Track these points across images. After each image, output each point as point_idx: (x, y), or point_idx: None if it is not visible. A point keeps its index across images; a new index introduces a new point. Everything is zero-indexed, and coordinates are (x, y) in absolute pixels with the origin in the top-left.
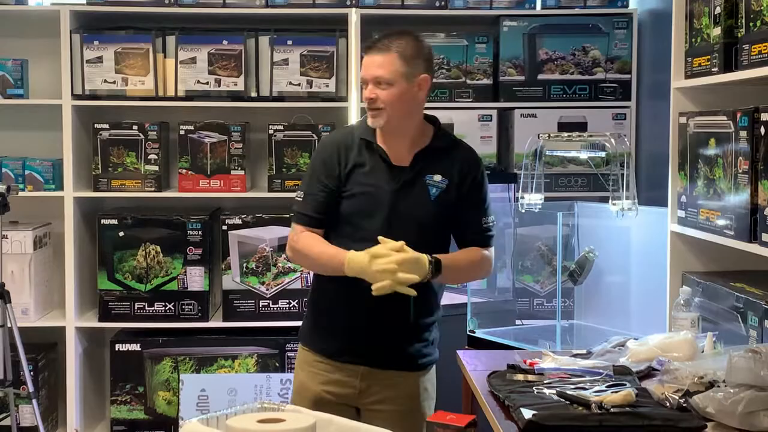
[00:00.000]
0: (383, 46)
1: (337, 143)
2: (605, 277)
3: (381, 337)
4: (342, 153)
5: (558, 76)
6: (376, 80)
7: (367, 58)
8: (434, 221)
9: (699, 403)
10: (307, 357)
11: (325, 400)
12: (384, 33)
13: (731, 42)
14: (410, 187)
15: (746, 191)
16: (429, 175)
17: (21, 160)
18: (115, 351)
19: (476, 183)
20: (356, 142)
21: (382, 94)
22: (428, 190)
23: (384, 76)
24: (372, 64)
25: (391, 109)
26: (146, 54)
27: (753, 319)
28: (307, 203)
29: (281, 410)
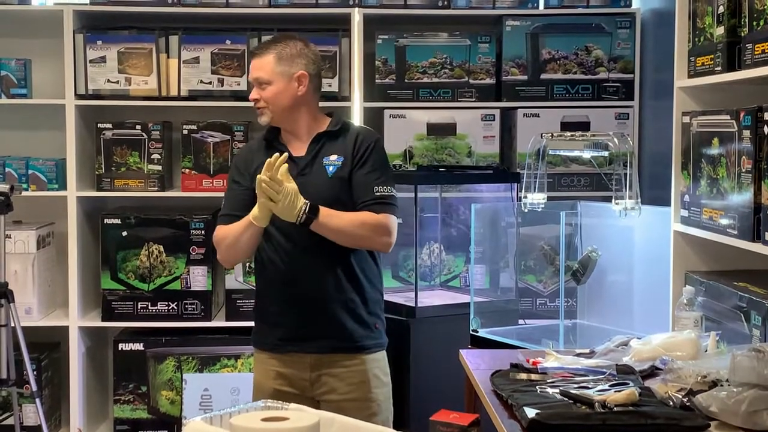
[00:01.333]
0: (262, 49)
1: (247, 149)
2: (608, 276)
3: (313, 318)
4: (249, 156)
5: (561, 75)
6: (257, 81)
7: (251, 63)
8: (335, 196)
9: (702, 402)
10: (259, 356)
11: (281, 395)
12: (268, 39)
13: (734, 41)
14: (310, 170)
15: (749, 190)
16: (326, 157)
17: (24, 160)
18: (118, 350)
19: (368, 152)
20: (260, 145)
21: (263, 93)
22: (326, 170)
23: (262, 77)
24: (253, 67)
25: (273, 106)
26: (149, 54)
27: (756, 318)
28: (225, 205)
29: (285, 409)
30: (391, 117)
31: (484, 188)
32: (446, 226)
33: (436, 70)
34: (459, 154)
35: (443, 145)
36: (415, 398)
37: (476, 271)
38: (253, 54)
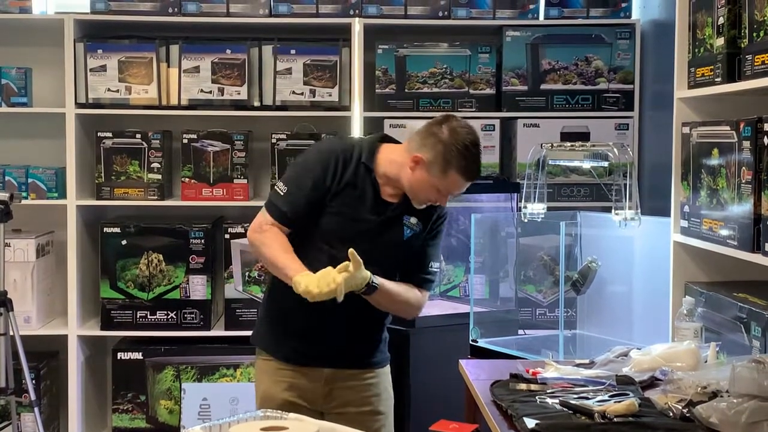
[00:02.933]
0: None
1: (337, 155)
2: (608, 286)
3: (340, 337)
4: (339, 167)
5: (561, 86)
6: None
7: (463, 183)
8: (401, 259)
9: (702, 413)
10: (270, 365)
11: (292, 407)
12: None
13: (734, 52)
14: (390, 222)
15: (749, 201)
16: (407, 216)
17: (24, 168)
18: (117, 359)
19: (441, 227)
20: (355, 162)
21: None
22: (403, 230)
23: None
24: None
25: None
26: (150, 63)
27: (756, 329)
28: (288, 201)
29: (284, 419)
30: (391, 127)
31: (484, 198)
32: (446, 236)
33: (436, 80)
34: None
35: None
36: (415, 408)
37: (476, 281)
38: (471, 178)
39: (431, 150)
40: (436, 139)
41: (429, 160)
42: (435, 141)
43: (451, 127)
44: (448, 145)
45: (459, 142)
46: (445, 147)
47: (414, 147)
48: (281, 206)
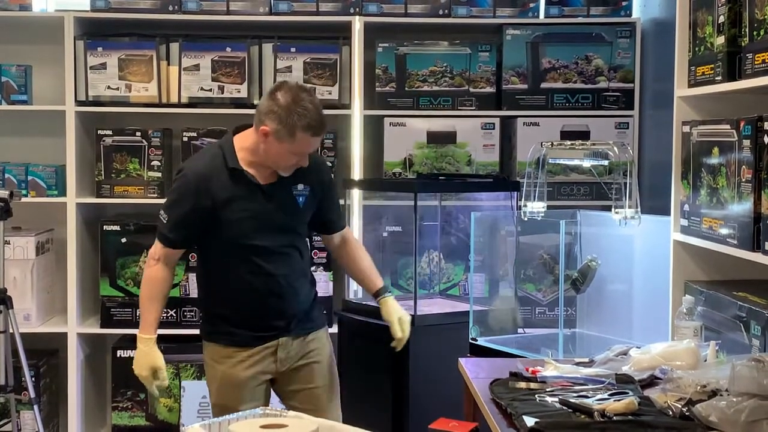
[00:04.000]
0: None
1: (199, 177)
2: (608, 285)
3: (286, 311)
4: (209, 185)
5: (561, 84)
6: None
7: (314, 140)
8: (305, 224)
9: (702, 412)
10: (222, 351)
11: (253, 382)
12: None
13: (735, 51)
14: (282, 200)
15: (749, 200)
16: (292, 186)
17: (24, 166)
18: (116, 357)
19: (327, 181)
20: (224, 170)
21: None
22: (296, 200)
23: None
24: (314, 144)
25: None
26: (150, 61)
27: (756, 328)
28: (172, 226)
29: (283, 416)
30: (391, 125)
31: (484, 197)
32: (446, 235)
33: (436, 79)
34: (459, 162)
35: (443, 154)
36: (414, 406)
37: (476, 280)
38: (318, 133)
39: (274, 120)
40: (275, 107)
41: (274, 129)
42: (274, 110)
43: (284, 91)
44: (286, 109)
45: (295, 103)
46: (285, 112)
47: (258, 122)
48: (167, 233)
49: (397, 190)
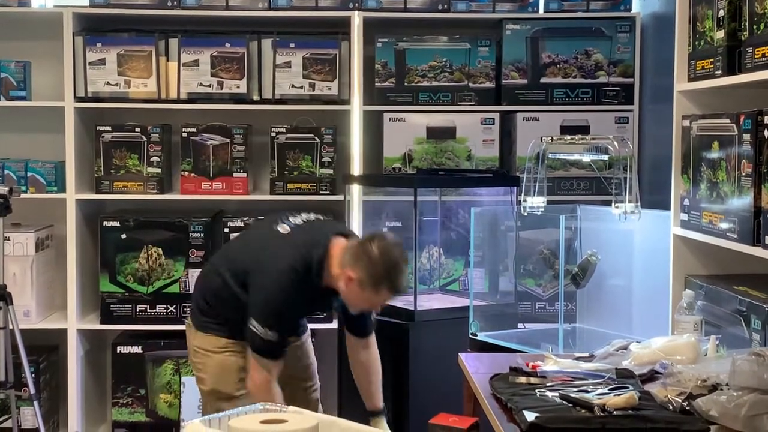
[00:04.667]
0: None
1: (302, 289)
2: (608, 280)
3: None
4: (302, 293)
5: (560, 79)
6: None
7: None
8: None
9: (702, 406)
10: (217, 341)
11: (245, 371)
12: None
13: (735, 45)
14: (329, 301)
15: (749, 194)
16: (336, 297)
17: (23, 162)
18: (116, 353)
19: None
20: (311, 283)
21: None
22: (338, 300)
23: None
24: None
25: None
26: (149, 56)
27: (756, 322)
28: (281, 341)
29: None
30: (391, 120)
31: (484, 192)
32: (445, 230)
33: (435, 74)
34: (458, 157)
35: (443, 149)
36: (415, 401)
37: (475, 275)
38: (400, 293)
39: (363, 270)
40: (367, 260)
41: (360, 279)
42: (366, 262)
43: (380, 246)
44: (377, 265)
45: (387, 261)
46: (375, 267)
47: (347, 263)
48: (278, 351)
49: (396, 185)
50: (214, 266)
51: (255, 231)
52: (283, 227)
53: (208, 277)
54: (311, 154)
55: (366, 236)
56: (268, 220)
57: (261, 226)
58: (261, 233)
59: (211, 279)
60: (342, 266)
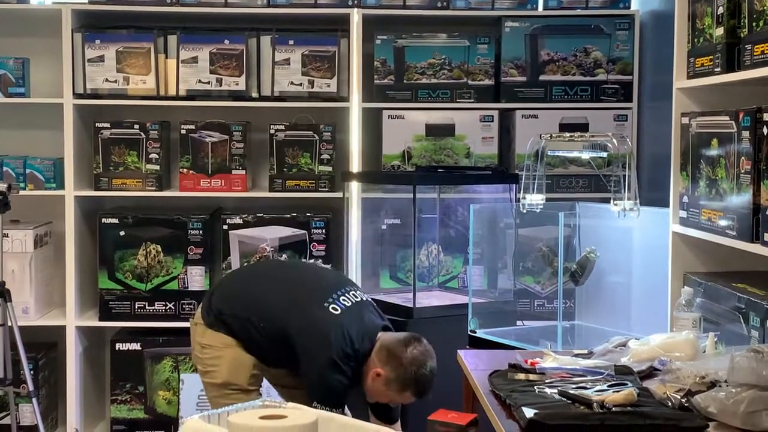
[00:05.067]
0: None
1: (345, 369)
2: (607, 277)
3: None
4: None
5: (560, 77)
6: None
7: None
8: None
9: (701, 403)
10: (231, 341)
11: (257, 367)
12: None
13: (734, 42)
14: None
15: (748, 191)
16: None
17: (22, 159)
18: (115, 350)
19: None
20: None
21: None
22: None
23: None
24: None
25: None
26: (148, 53)
27: (755, 319)
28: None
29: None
30: (390, 118)
31: (483, 189)
32: (444, 227)
33: (434, 71)
34: (457, 155)
35: (442, 146)
36: None
37: (474, 272)
38: (422, 399)
39: (392, 371)
40: (398, 363)
41: (388, 378)
42: (397, 364)
43: (413, 352)
44: (408, 370)
45: (418, 368)
46: (405, 372)
47: (379, 360)
48: (343, 399)
49: (395, 182)
50: (237, 310)
51: (289, 287)
52: (333, 306)
53: (235, 319)
54: (310, 152)
55: (402, 337)
56: (300, 274)
57: (297, 284)
58: (303, 298)
59: (239, 323)
60: (374, 361)
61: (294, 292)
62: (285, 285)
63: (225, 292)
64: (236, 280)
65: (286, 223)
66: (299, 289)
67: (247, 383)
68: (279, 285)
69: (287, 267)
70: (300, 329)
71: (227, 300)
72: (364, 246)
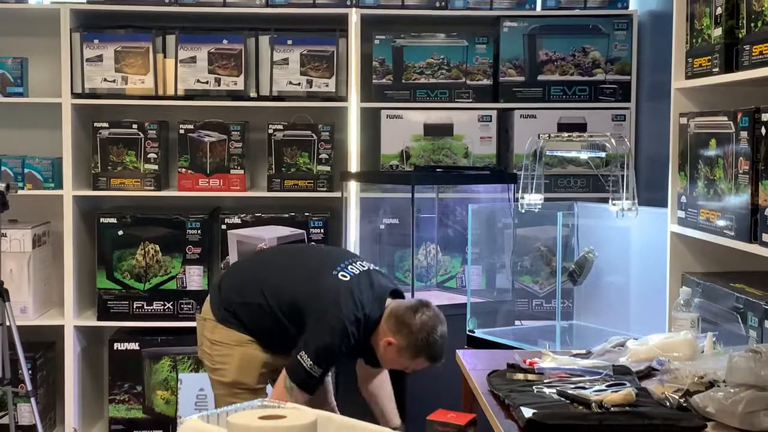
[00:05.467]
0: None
1: (355, 339)
2: (605, 277)
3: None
4: (354, 345)
5: (558, 77)
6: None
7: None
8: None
9: (699, 403)
10: (239, 337)
11: (266, 366)
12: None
13: (732, 42)
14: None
15: (747, 192)
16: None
17: (20, 159)
18: (113, 350)
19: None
20: (362, 339)
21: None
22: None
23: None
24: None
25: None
26: (146, 53)
27: (753, 319)
28: (321, 378)
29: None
30: (388, 117)
31: (481, 189)
32: (443, 227)
33: (433, 71)
34: (456, 154)
35: (440, 146)
36: (412, 398)
37: (473, 272)
38: (436, 364)
39: (404, 338)
40: (408, 330)
41: (399, 346)
42: (408, 331)
43: (423, 318)
44: (418, 336)
45: (428, 334)
46: (416, 338)
47: (389, 328)
48: (315, 386)
49: (394, 182)
50: (246, 297)
51: (295, 264)
52: (342, 274)
53: (245, 307)
54: (309, 151)
55: (411, 304)
56: (304, 253)
57: (302, 261)
58: (310, 270)
59: (250, 311)
60: (384, 329)
61: (302, 267)
62: (291, 263)
63: (233, 282)
64: (242, 269)
65: (285, 223)
66: (307, 262)
67: (255, 382)
68: (285, 265)
69: (291, 250)
70: (310, 295)
71: (236, 289)
72: (363, 246)
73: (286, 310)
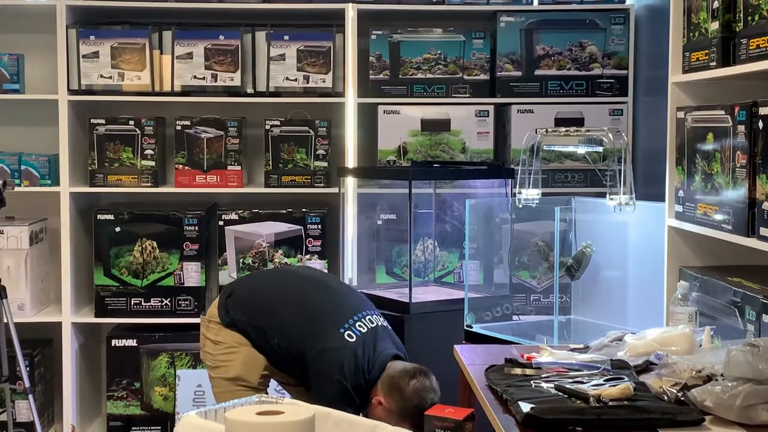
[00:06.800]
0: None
1: (355, 398)
2: (602, 272)
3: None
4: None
5: (555, 71)
6: None
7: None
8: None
9: (697, 397)
10: (245, 340)
11: (270, 367)
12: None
13: (729, 36)
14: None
15: (744, 186)
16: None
17: (17, 155)
18: (111, 346)
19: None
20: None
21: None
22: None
23: None
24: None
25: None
26: (142, 49)
27: (751, 313)
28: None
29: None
30: (385, 113)
31: (479, 184)
32: (440, 222)
33: (430, 66)
34: (453, 150)
35: (437, 141)
36: None
37: (470, 267)
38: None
39: (394, 402)
40: (400, 395)
41: (389, 409)
42: (399, 396)
43: (415, 387)
44: (409, 403)
45: (417, 405)
46: (406, 404)
47: (382, 388)
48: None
49: (391, 177)
50: (254, 320)
51: (308, 308)
52: (349, 333)
53: (251, 327)
54: (306, 147)
55: (408, 369)
56: (320, 294)
57: (316, 306)
58: (321, 319)
59: (254, 330)
60: (377, 388)
61: (312, 313)
62: (304, 302)
63: (243, 299)
64: (255, 287)
65: (282, 219)
66: (318, 309)
67: (257, 382)
68: (298, 301)
69: (308, 281)
70: (315, 354)
71: (245, 308)
72: (360, 241)
73: (290, 353)
